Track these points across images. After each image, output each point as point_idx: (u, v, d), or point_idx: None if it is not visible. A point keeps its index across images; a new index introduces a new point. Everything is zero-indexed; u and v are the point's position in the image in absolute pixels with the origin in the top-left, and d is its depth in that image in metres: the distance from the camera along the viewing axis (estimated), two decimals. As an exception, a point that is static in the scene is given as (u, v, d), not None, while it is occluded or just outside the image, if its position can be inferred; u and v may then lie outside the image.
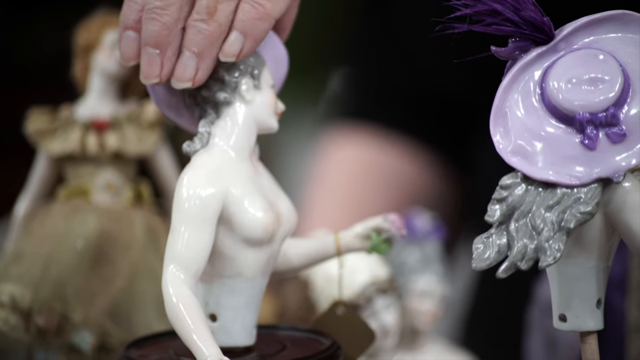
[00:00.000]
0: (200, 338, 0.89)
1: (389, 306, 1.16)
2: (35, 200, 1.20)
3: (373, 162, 1.67)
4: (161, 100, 0.99)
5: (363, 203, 1.65)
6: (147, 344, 1.00)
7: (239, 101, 0.96)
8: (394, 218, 1.01)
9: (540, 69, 0.89)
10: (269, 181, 0.98)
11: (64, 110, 1.19)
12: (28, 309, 1.14)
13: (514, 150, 0.88)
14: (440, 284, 1.22)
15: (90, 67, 1.19)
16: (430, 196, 1.66)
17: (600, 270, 0.89)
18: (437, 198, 1.67)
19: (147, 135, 1.19)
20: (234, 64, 0.96)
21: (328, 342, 0.98)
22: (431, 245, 1.23)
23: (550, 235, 0.85)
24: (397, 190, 1.66)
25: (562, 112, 0.87)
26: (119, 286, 1.14)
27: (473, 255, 0.87)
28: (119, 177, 1.19)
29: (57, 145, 1.17)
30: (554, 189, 0.86)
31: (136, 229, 1.16)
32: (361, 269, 1.16)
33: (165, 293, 0.91)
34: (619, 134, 0.86)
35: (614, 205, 0.87)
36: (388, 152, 1.66)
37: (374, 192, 1.66)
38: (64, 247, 1.15)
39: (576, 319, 0.89)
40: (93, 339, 1.14)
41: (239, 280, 0.95)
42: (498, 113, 0.89)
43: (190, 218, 0.92)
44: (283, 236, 0.97)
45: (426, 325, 1.22)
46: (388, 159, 1.66)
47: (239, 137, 0.96)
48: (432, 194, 1.67)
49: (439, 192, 1.68)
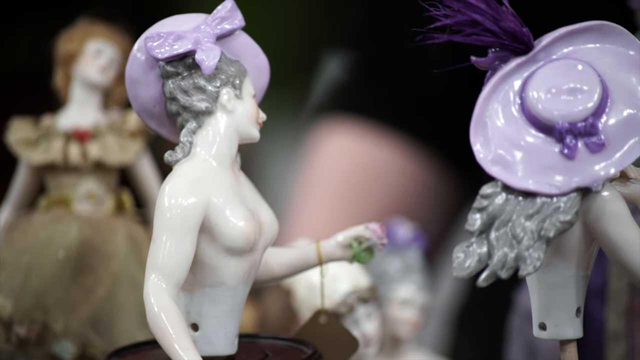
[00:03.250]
0: (182, 347, 0.89)
1: (370, 315, 1.17)
2: (16, 209, 1.20)
3: (366, 157, 1.66)
4: (143, 110, 0.99)
5: (354, 197, 1.64)
6: (129, 353, 1.00)
7: (220, 111, 0.97)
8: (375, 227, 1.01)
9: (519, 78, 0.90)
10: (250, 190, 0.99)
11: (45, 120, 1.19)
12: (9, 319, 1.14)
13: (494, 160, 0.88)
14: (421, 293, 1.23)
15: (72, 77, 1.19)
16: (424, 193, 1.66)
17: (580, 279, 0.90)
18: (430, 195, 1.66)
19: (129, 144, 1.19)
20: (216, 74, 0.96)
21: (310, 350, 0.98)
22: (412, 254, 1.24)
23: (530, 244, 0.86)
24: (389, 186, 1.65)
25: (541, 121, 0.88)
26: (101, 295, 1.14)
27: (453, 264, 0.87)
28: (101, 187, 1.19)
29: (39, 155, 1.17)
30: (533, 198, 0.87)
31: (118, 238, 1.16)
32: (342, 278, 1.16)
33: (147, 302, 0.91)
34: (597, 144, 0.87)
35: (593, 215, 0.88)
36: (381, 148, 1.65)
37: (366, 187, 1.65)
38: (45, 256, 1.15)
39: (556, 327, 0.90)
40: (74, 348, 1.14)
41: (221, 289, 0.95)
42: (478, 122, 0.89)
43: (171, 227, 0.92)
44: (265, 245, 0.98)
45: (407, 333, 1.22)
46: (381, 154, 1.65)
47: (221, 147, 0.96)
48: (425, 191, 1.66)
49: (433, 189, 1.67)
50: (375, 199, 1.63)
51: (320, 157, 1.68)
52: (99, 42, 1.19)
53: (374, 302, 1.17)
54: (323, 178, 1.68)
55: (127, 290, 1.15)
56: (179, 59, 0.96)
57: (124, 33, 1.20)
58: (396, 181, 1.65)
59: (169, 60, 0.96)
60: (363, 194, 1.64)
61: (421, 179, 1.66)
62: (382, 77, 1.67)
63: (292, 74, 2.30)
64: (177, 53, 0.96)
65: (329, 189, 1.66)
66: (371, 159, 1.65)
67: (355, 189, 1.65)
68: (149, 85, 0.98)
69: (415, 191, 1.65)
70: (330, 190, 1.66)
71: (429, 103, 1.63)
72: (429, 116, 1.65)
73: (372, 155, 1.65)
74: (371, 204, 1.61)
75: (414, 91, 1.64)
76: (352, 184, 1.66)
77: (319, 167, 1.68)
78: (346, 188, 1.65)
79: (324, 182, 1.67)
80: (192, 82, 0.96)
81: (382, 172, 1.65)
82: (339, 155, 1.67)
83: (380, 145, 1.64)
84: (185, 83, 0.96)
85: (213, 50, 0.96)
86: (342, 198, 1.63)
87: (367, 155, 1.66)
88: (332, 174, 1.68)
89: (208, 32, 0.97)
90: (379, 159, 1.65)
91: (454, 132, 1.61)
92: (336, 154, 1.67)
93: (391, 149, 1.64)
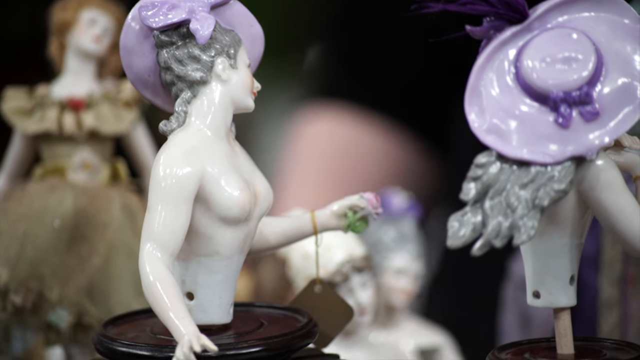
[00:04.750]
0: (177, 316, 0.90)
1: (364, 284, 1.17)
2: (11, 179, 1.20)
3: (348, 139, 1.68)
4: (137, 79, 0.99)
5: (338, 179, 1.65)
6: (124, 322, 1.01)
7: (215, 80, 0.96)
8: (369, 197, 1.01)
9: (514, 48, 0.90)
10: (245, 160, 0.99)
11: (40, 89, 1.19)
12: (5, 288, 1.14)
13: (488, 129, 0.88)
14: (415, 262, 1.23)
15: (66, 46, 1.19)
16: (405, 173, 1.67)
17: (574, 247, 0.90)
18: (411, 175, 1.67)
19: (124, 114, 1.19)
20: (210, 43, 0.96)
21: (305, 319, 0.99)
22: (407, 224, 1.24)
23: (525, 212, 0.86)
24: (372, 167, 1.66)
25: (536, 91, 0.88)
26: (96, 264, 1.14)
27: (448, 233, 0.87)
28: (96, 156, 1.19)
29: (34, 124, 1.17)
30: (528, 168, 0.87)
31: (113, 207, 1.16)
32: (337, 247, 1.16)
33: (142, 272, 0.91)
34: (592, 113, 0.87)
35: (587, 183, 0.88)
36: (363, 130, 1.66)
37: (349, 169, 1.67)
38: (41, 225, 1.15)
39: (549, 295, 0.90)
40: (70, 317, 1.14)
41: (216, 258, 0.96)
42: (473, 92, 0.89)
43: (167, 197, 0.92)
44: (260, 215, 0.98)
45: (401, 302, 1.23)
46: (363, 136, 1.66)
47: (216, 117, 0.96)
48: (407, 171, 1.68)
49: (414, 169, 1.68)
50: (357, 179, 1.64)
51: (303, 141, 1.70)
52: (93, 11, 1.19)
53: (369, 271, 1.18)
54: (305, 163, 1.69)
55: (123, 260, 1.15)
56: (173, 28, 0.96)
57: (118, 2, 1.20)
58: (377, 162, 1.66)
59: (164, 30, 0.96)
60: (347, 175, 1.65)
61: (401, 159, 1.67)
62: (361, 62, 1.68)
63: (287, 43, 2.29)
64: (172, 22, 0.95)
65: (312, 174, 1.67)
66: (353, 141, 1.67)
67: (338, 170, 1.66)
68: (143, 55, 0.98)
69: (395, 171, 1.66)
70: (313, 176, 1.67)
71: (408, 86, 1.65)
72: (408, 99, 1.66)
73: (354, 138, 1.67)
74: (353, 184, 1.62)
75: (393, 74, 1.65)
76: (335, 166, 1.67)
77: (302, 152, 1.70)
78: (329, 170, 1.67)
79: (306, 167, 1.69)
80: (187, 52, 0.96)
81: (364, 154, 1.67)
82: (322, 139, 1.69)
83: (362, 128, 1.66)
84: (179, 52, 0.96)
85: (207, 20, 0.95)
86: (326, 180, 1.65)
87: (349, 138, 1.67)
88: (314, 158, 1.69)
89: (202, 2, 0.96)
90: (360, 141, 1.67)
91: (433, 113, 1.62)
92: (319, 138, 1.69)
93: (372, 131, 1.65)
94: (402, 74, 1.65)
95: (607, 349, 0.92)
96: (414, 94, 1.66)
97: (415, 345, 1.23)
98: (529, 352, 0.92)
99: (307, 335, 0.96)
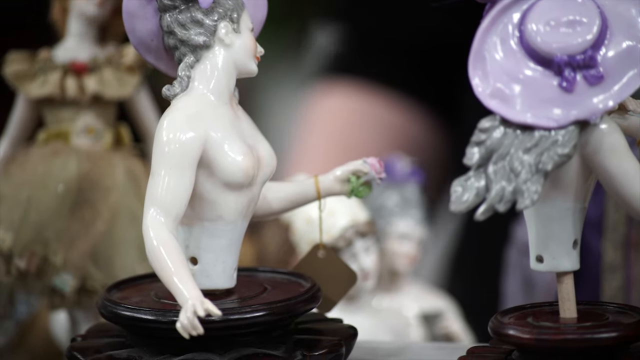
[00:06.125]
0: (181, 280, 0.90)
1: (368, 249, 1.17)
2: (14, 143, 1.20)
3: (361, 112, 1.68)
4: (140, 43, 0.99)
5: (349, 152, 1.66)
6: (128, 286, 1.01)
7: (218, 45, 0.96)
8: (373, 161, 1.01)
9: (519, 11, 0.89)
10: (248, 125, 0.98)
11: (42, 54, 1.19)
12: (9, 252, 1.14)
13: (492, 94, 0.88)
14: (418, 227, 1.23)
15: (69, 10, 1.19)
16: (417, 146, 1.67)
17: (577, 212, 0.90)
18: (424, 148, 1.68)
19: (127, 78, 1.18)
20: (213, 7, 0.96)
21: (308, 284, 0.99)
22: (410, 189, 1.24)
23: (528, 177, 0.86)
24: (383, 140, 1.67)
25: (540, 54, 0.88)
26: (100, 229, 1.15)
27: (451, 197, 0.87)
28: (99, 121, 1.19)
29: (36, 88, 1.17)
30: (531, 132, 0.87)
31: (116, 171, 1.16)
32: (341, 212, 1.16)
33: (146, 236, 0.92)
34: (596, 76, 0.87)
35: (590, 147, 0.88)
36: (375, 103, 1.67)
37: (361, 142, 1.67)
38: (44, 190, 1.15)
39: (553, 259, 0.90)
40: (74, 281, 1.15)
41: (220, 223, 0.96)
42: (477, 56, 0.89)
43: (170, 162, 0.92)
44: (263, 180, 0.98)
45: (405, 267, 1.23)
46: (375, 109, 1.67)
47: (219, 81, 0.96)
48: (419, 143, 1.68)
49: (427, 142, 1.69)
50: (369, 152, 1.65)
51: (315, 115, 1.70)
52: (96, -24, 1.18)
53: (372, 236, 1.18)
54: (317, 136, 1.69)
55: (127, 224, 1.15)
56: (176, -9, 0.96)
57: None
58: (389, 135, 1.67)
59: (166, -7, 0.96)
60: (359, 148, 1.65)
61: (414, 132, 1.67)
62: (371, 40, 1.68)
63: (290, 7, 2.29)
64: (175, -14, 0.95)
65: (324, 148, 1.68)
66: (365, 115, 1.67)
67: (349, 144, 1.67)
68: (146, 19, 0.97)
69: (407, 143, 1.67)
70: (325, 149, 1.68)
71: (419, 58, 1.65)
72: (420, 72, 1.66)
73: (366, 111, 1.67)
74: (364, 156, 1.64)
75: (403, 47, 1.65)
76: (347, 140, 1.68)
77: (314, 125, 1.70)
78: (340, 145, 1.67)
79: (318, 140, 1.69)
80: (190, 16, 0.96)
81: (376, 127, 1.67)
82: (334, 113, 1.69)
83: (374, 101, 1.66)
84: (182, 16, 0.96)
85: (210, -17, 0.95)
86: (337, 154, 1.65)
87: (361, 111, 1.67)
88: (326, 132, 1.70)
89: (205, -35, 0.96)
90: (372, 115, 1.67)
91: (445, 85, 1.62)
92: (330, 112, 1.69)
93: (384, 104, 1.66)
94: (413, 47, 1.65)
95: (610, 313, 0.92)
96: (425, 66, 1.66)
97: (418, 310, 1.23)
98: (532, 316, 0.92)
99: (310, 300, 0.96)
